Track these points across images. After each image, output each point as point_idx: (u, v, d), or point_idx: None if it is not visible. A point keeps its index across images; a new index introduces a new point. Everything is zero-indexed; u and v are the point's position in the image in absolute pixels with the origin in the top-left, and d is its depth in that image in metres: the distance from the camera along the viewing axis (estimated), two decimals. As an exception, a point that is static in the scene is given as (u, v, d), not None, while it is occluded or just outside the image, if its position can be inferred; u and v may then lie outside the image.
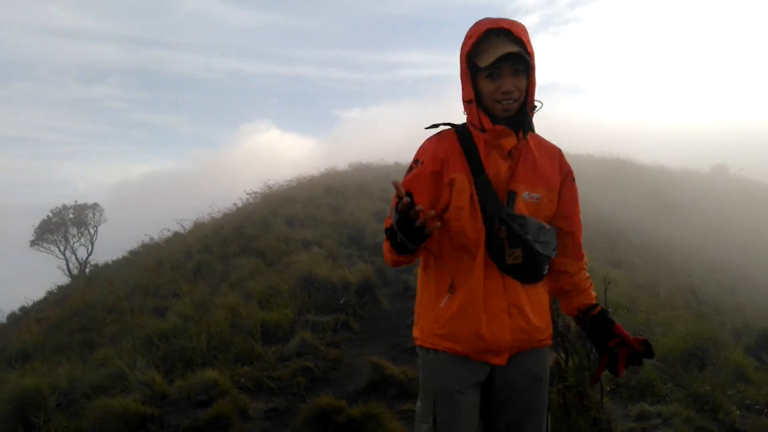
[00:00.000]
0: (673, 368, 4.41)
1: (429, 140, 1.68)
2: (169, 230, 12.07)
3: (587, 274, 1.77)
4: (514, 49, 1.51)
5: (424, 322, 1.65)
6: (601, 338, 1.69)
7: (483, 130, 1.59)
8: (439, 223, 1.39)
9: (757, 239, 19.56)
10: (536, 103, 1.61)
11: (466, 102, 1.62)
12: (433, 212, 1.34)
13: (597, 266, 8.80)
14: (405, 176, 1.64)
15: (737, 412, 3.71)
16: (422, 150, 1.66)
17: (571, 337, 2.76)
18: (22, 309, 12.82)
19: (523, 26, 1.56)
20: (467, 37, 1.59)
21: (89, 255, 22.59)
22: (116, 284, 8.97)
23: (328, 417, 2.69)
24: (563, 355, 2.76)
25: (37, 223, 23.29)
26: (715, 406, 3.71)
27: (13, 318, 12.02)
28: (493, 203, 1.59)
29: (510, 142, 1.58)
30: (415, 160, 1.65)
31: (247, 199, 12.69)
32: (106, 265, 13.66)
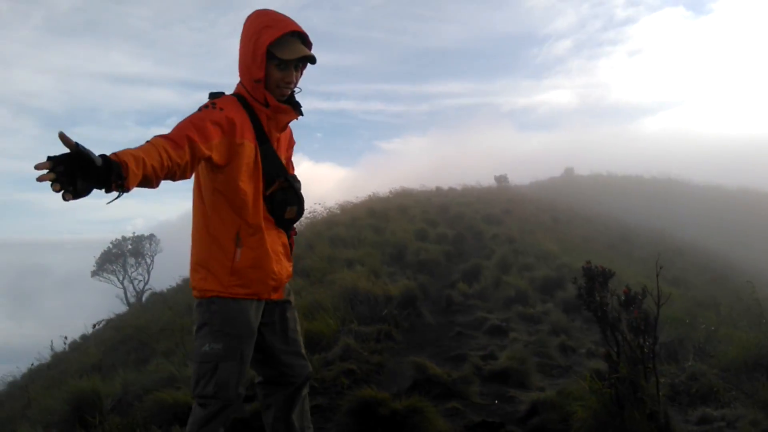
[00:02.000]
0: (737, 378, 4.13)
1: (227, 100, 1.88)
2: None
3: None
4: (309, 53, 1.89)
5: (221, 275, 1.87)
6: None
7: (267, 105, 1.90)
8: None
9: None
10: (297, 89, 1.98)
11: (255, 81, 1.88)
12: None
13: (651, 284, 8.45)
14: (197, 113, 1.78)
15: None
16: (222, 103, 1.84)
17: (623, 328, 2.66)
18: (83, 336, 13.46)
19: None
20: (267, 27, 1.84)
21: (146, 283, 23.64)
22: (172, 308, 9.29)
23: (371, 409, 2.67)
24: (615, 347, 2.66)
25: (98, 255, 24.72)
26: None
27: (74, 345, 12.57)
28: (277, 167, 1.96)
29: (288, 118, 1.98)
30: (212, 104, 1.82)
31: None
32: (161, 293, 14.17)
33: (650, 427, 2.44)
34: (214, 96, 1.90)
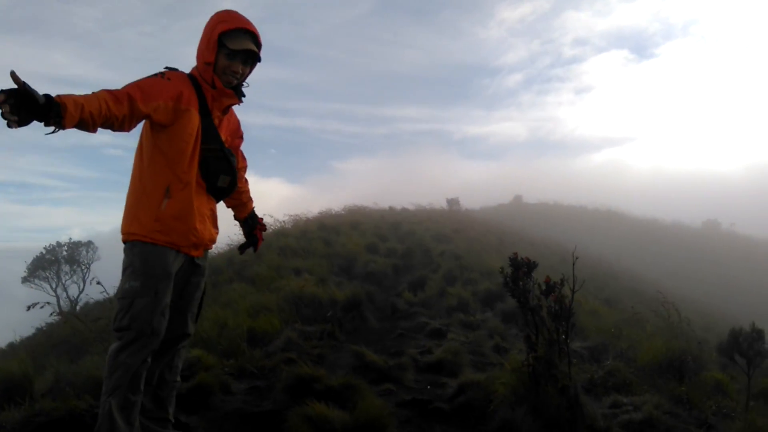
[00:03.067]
0: (651, 376, 4.48)
1: (178, 74, 2.15)
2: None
3: (250, 194, 2.61)
4: (255, 49, 2.18)
5: (144, 220, 2.08)
6: (251, 228, 2.63)
7: (214, 87, 2.18)
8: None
9: (746, 290, 19.69)
10: (245, 84, 2.28)
11: (206, 63, 2.16)
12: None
13: (586, 301, 8.92)
14: (147, 77, 2.04)
15: (711, 409, 3.78)
16: (171, 75, 2.11)
17: (542, 313, 2.92)
18: (10, 345, 12.60)
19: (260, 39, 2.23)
20: (223, 21, 2.14)
21: (81, 292, 22.36)
22: (107, 319, 8.92)
23: (307, 385, 2.77)
24: (534, 329, 2.90)
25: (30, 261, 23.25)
26: (690, 404, 3.79)
27: (1, 353, 11.77)
28: (215, 140, 2.20)
29: (231, 101, 2.24)
30: (162, 74, 2.09)
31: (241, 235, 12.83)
32: (97, 302, 13.51)
33: (561, 400, 2.67)
34: (168, 69, 2.14)
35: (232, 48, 2.12)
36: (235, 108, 2.38)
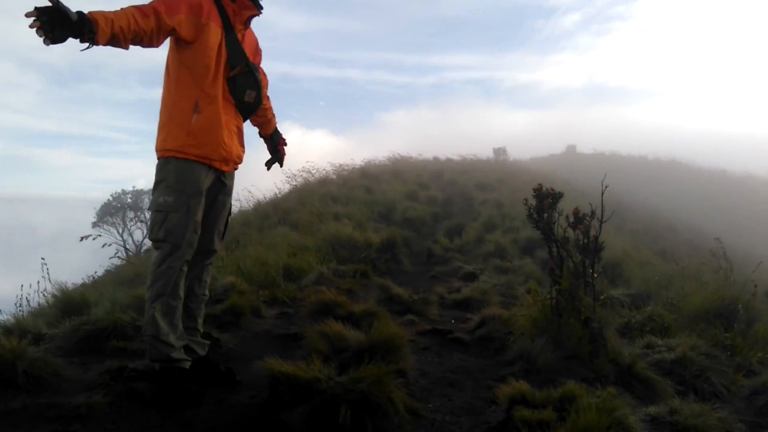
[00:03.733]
0: (695, 322, 4.29)
1: None
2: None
3: (273, 110, 2.63)
4: None
5: (178, 135, 2.13)
6: (275, 143, 2.69)
7: (233, 1, 2.20)
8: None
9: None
10: None
11: None
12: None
13: (637, 252, 8.56)
14: None
15: (757, 357, 3.60)
16: None
17: (568, 246, 2.82)
18: (83, 285, 13.78)
19: None
20: None
21: (144, 237, 24.03)
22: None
23: (330, 311, 2.86)
24: (558, 262, 2.82)
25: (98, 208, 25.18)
26: (734, 350, 3.62)
27: (69, 289, 12.80)
28: (240, 55, 2.22)
29: (250, 12, 2.25)
30: None
31: (291, 180, 13.10)
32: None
33: (584, 332, 2.61)
34: None
35: None
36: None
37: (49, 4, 1.64)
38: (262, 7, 2.27)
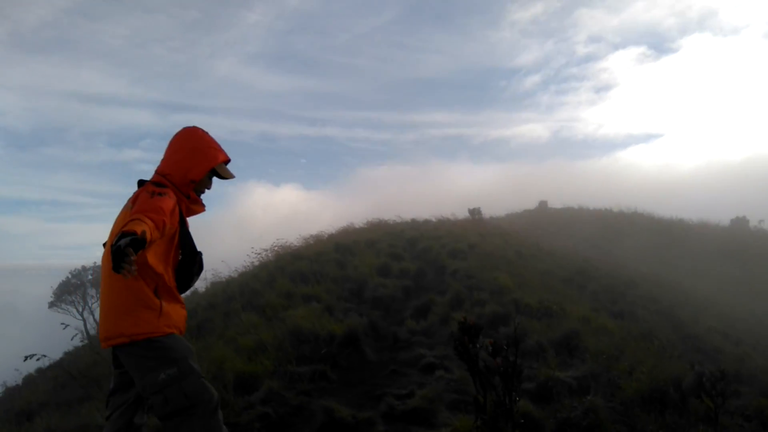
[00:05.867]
0: (630, 410, 4.54)
1: (171, 192, 2.47)
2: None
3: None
4: (234, 177, 2.72)
5: (151, 320, 2.35)
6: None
7: (188, 197, 2.58)
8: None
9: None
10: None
11: (190, 180, 2.56)
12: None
13: (595, 316, 8.88)
14: (161, 200, 2.34)
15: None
16: (168, 193, 2.43)
17: (489, 375, 3.10)
18: (38, 370, 13.20)
19: None
20: (218, 151, 2.64)
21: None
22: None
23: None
24: (482, 391, 3.09)
25: (57, 285, 24.21)
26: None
27: (29, 379, 12.23)
28: (192, 247, 2.56)
29: (201, 210, 2.67)
30: (161, 192, 2.40)
31: (261, 256, 13.27)
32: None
33: (505, 461, 2.85)
34: (158, 186, 2.49)
35: (225, 177, 2.68)
36: None
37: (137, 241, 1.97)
38: (204, 204, 2.68)
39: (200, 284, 11.99)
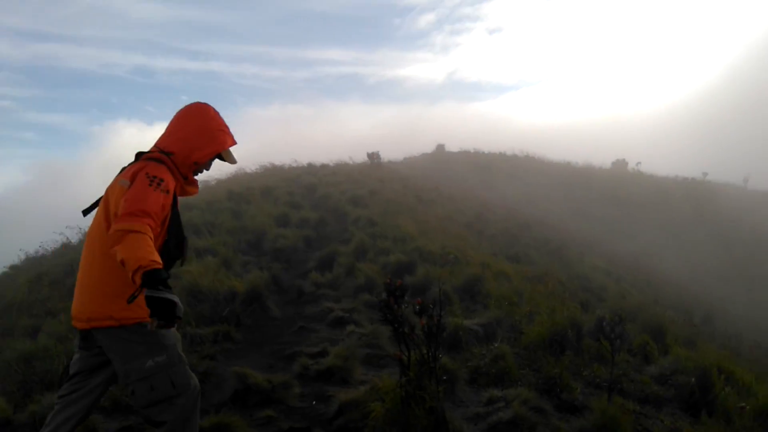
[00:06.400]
0: (534, 354, 4.83)
1: (169, 177, 2.22)
2: (57, 241, 11.02)
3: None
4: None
5: (143, 303, 2.07)
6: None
7: (186, 178, 2.38)
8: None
9: (648, 229, 21.72)
10: None
11: (193, 162, 2.35)
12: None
13: (494, 261, 9.37)
14: (156, 193, 2.11)
15: (579, 390, 4.16)
16: (167, 185, 2.18)
17: (415, 334, 2.97)
18: None
19: None
20: (228, 134, 2.45)
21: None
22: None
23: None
24: (406, 351, 2.97)
25: None
26: (560, 386, 4.13)
27: None
28: (180, 227, 2.38)
29: (194, 192, 2.48)
30: (166, 191, 2.17)
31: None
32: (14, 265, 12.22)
33: (429, 420, 2.79)
34: (158, 163, 2.23)
35: (230, 162, 2.49)
36: None
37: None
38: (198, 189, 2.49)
39: (74, 237, 10.61)
